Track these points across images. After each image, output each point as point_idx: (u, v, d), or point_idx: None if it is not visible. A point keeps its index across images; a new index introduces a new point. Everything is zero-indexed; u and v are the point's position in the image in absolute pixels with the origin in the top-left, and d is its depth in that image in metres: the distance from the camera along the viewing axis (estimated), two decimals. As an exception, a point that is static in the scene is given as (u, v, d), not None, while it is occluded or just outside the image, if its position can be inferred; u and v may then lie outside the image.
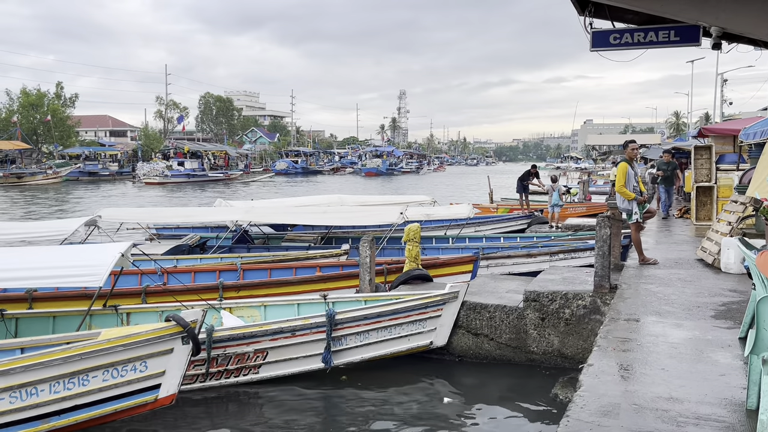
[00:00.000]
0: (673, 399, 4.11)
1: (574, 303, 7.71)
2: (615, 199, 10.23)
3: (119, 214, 13.74)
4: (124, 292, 8.93)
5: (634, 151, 9.83)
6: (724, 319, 6.14)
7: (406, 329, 7.85)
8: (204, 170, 63.80)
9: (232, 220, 13.40)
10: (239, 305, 8.45)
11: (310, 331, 7.25)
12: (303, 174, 78.60)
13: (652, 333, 5.72)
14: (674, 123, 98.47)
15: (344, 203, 16.38)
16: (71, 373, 5.24)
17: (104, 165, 66.74)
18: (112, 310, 8.01)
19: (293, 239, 15.26)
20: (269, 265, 11.02)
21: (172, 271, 10.42)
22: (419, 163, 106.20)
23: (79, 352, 5.24)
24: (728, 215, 9.72)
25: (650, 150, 36.42)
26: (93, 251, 7.43)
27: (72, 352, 5.22)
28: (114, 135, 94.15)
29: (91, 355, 5.29)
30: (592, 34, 7.48)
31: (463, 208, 15.91)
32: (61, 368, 5.20)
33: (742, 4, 6.43)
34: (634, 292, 7.47)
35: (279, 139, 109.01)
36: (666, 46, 7.22)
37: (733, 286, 7.69)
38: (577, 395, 4.19)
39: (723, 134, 16.55)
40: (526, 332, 7.91)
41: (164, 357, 5.59)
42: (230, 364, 7.04)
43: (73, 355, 5.21)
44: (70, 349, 5.26)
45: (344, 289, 9.53)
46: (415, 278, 9.81)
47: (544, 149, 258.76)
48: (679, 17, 6.83)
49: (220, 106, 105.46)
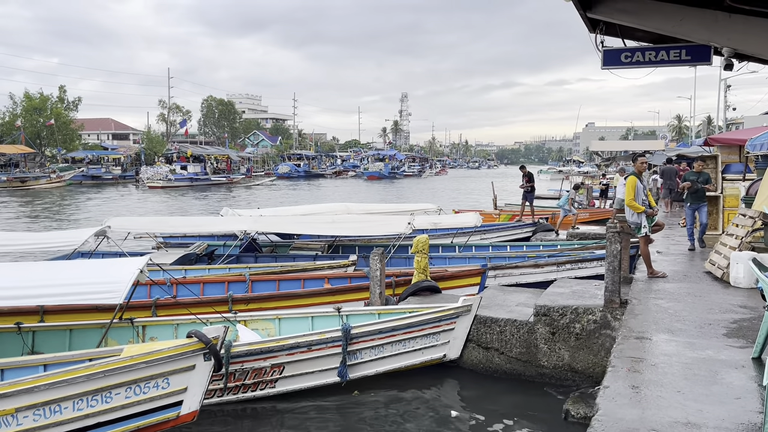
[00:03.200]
0: (691, 424, 4.19)
1: (584, 318, 7.79)
2: (618, 204, 10.28)
3: (128, 224, 13.84)
4: (134, 305, 8.99)
5: (643, 165, 9.92)
6: (737, 338, 6.21)
7: (420, 342, 7.95)
8: (206, 174, 64.01)
9: (241, 230, 13.51)
10: (254, 318, 8.54)
11: (325, 345, 7.34)
12: (305, 178, 78.73)
13: (665, 352, 5.80)
14: (677, 126, 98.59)
15: (351, 211, 16.49)
16: (94, 390, 5.32)
17: (107, 169, 66.95)
18: (127, 323, 8.11)
19: (300, 247, 15.35)
20: (277, 276, 11.11)
21: (181, 282, 10.50)
22: (421, 167, 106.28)
23: (102, 369, 5.31)
24: (736, 228, 9.80)
25: (654, 156, 36.45)
26: (111, 266, 7.51)
27: (95, 369, 5.30)
28: (117, 138, 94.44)
29: (114, 372, 5.36)
30: (604, 52, 7.57)
31: (470, 217, 16.01)
32: (84, 385, 5.28)
33: (753, 25, 6.52)
34: (645, 307, 7.55)
35: (281, 142, 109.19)
36: (677, 64, 7.30)
37: (743, 301, 7.76)
38: (595, 419, 4.27)
39: (729, 144, 16.62)
40: (537, 347, 7.99)
41: (186, 374, 5.66)
42: (247, 379, 7.13)
43: (97, 373, 5.29)
44: (93, 366, 5.34)
45: (353, 302, 9.61)
46: (424, 290, 9.89)
47: (546, 152, 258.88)
48: (691, 38, 6.92)
49: (222, 110, 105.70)
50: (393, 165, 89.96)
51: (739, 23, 6.36)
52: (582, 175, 48.18)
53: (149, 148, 77.38)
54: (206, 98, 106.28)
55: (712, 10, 6.45)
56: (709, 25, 6.50)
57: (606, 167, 46.07)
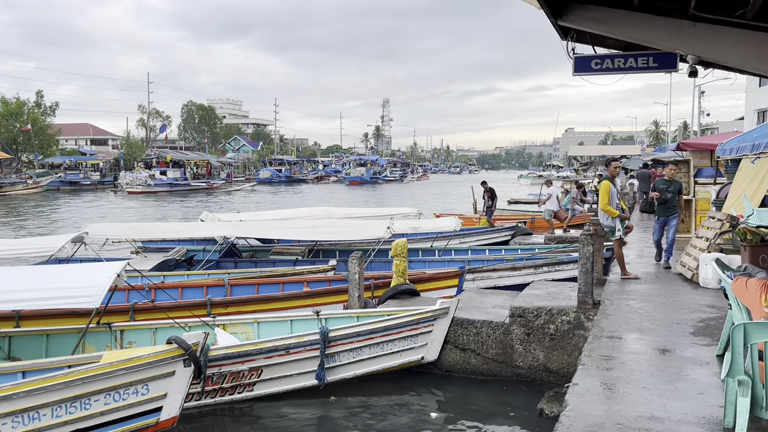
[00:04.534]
0: (655, 418, 4.34)
1: (558, 318, 7.95)
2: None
3: (106, 230, 13.74)
4: (112, 310, 8.97)
5: (616, 170, 10.15)
6: (703, 336, 6.40)
7: (398, 345, 8.04)
8: (186, 179, 63.64)
9: (220, 235, 13.51)
10: (232, 322, 8.58)
11: (304, 348, 7.41)
12: (287, 183, 78.58)
13: (634, 350, 5.97)
14: (654, 132, 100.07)
15: (331, 216, 16.56)
16: (73, 397, 5.33)
17: (85, 174, 66.24)
18: (105, 327, 8.10)
19: (280, 252, 15.37)
20: (257, 280, 11.15)
21: (159, 287, 10.49)
22: (403, 172, 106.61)
23: (82, 376, 5.34)
24: (706, 231, 10.04)
25: (630, 161, 37.04)
26: (88, 270, 7.52)
27: (74, 376, 5.32)
28: (95, 144, 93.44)
29: (94, 379, 5.38)
30: (575, 59, 7.76)
31: (450, 221, 16.14)
32: (63, 392, 5.29)
33: (716, 33, 6.76)
34: (617, 308, 7.72)
35: (262, 147, 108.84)
36: (645, 71, 7.52)
37: (711, 301, 7.98)
38: (563, 415, 4.41)
39: (701, 148, 16.97)
40: (512, 347, 8.13)
41: (166, 380, 5.70)
42: (225, 382, 7.17)
43: (76, 380, 5.31)
44: (72, 373, 5.36)
45: (332, 305, 9.68)
46: (403, 293, 9.98)
47: (526, 157, 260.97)
48: (658, 45, 7.14)
49: (202, 115, 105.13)
50: (375, 170, 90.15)
51: (703, 31, 6.58)
52: (562, 179, 48.75)
53: (128, 154, 76.72)
54: (186, 103, 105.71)
55: (678, 18, 6.67)
56: (675, 33, 6.72)
57: (584, 172, 46.68)
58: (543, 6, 6.37)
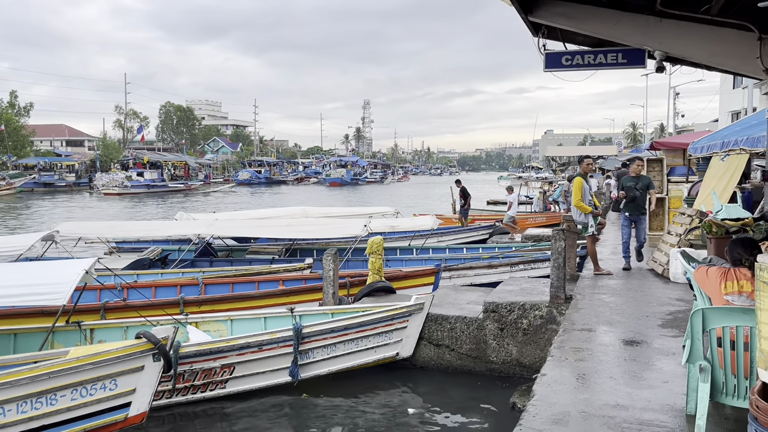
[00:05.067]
0: (620, 406, 4.39)
1: (531, 313, 8.01)
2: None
3: (78, 229, 13.56)
4: (82, 309, 8.84)
5: (588, 167, 10.25)
6: (670, 328, 6.49)
7: (372, 341, 8.03)
8: (164, 181, 63.04)
9: (195, 234, 13.39)
10: (205, 319, 8.50)
11: (277, 345, 7.37)
12: (266, 184, 78.13)
13: (603, 342, 6.04)
14: (631, 134, 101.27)
15: (308, 215, 16.50)
16: (39, 392, 5.25)
17: (60, 176, 65.26)
18: (75, 326, 7.99)
19: (257, 251, 15.28)
20: (231, 279, 11.07)
21: (132, 286, 10.36)
22: (384, 173, 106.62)
23: (47, 371, 5.25)
24: (676, 227, 10.19)
25: (607, 161, 37.46)
26: (56, 268, 7.39)
27: (40, 371, 5.23)
28: (71, 145, 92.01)
29: (60, 374, 5.30)
30: (546, 55, 7.84)
31: (427, 220, 16.18)
32: (28, 388, 5.20)
33: (682, 29, 6.87)
34: (588, 302, 7.81)
35: (242, 148, 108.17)
36: (614, 67, 7.62)
37: (680, 295, 8.09)
38: (530, 404, 4.44)
39: (673, 147, 17.24)
40: (486, 342, 8.17)
41: (135, 375, 5.64)
42: (197, 380, 7.10)
43: (41, 374, 5.22)
44: (37, 368, 5.28)
45: (308, 303, 9.65)
46: (379, 290, 9.98)
47: (506, 159, 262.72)
48: (626, 41, 7.24)
49: (180, 116, 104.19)
50: (355, 171, 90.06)
51: (670, 27, 6.69)
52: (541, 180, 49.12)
53: (105, 155, 75.76)
54: (164, 104, 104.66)
55: (645, 15, 6.77)
56: (642, 29, 6.82)
57: (561, 172, 47.10)
58: (513, 2, 6.42)
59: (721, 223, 5.96)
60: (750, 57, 6.57)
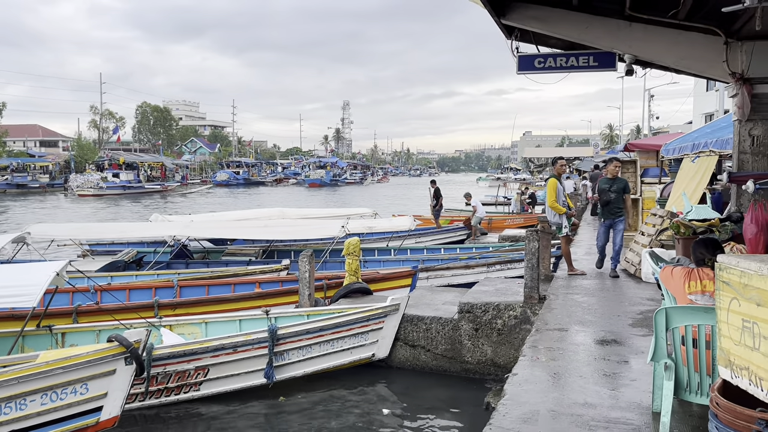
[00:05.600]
0: (588, 404, 4.46)
1: (505, 314, 8.08)
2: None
3: (50, 231, 13.35)
4: (54, 312, 8.71)
5: (562, 167, 10.37)
6: (641, 327, 6.60)
7: (348, 342, 8.04)
8: (140, 182, 62.39)
9: (170, 235, 13.26)
10: (179, 322, 8.44)
11: (252, 347, 7.34)
12: (245, 185, 77.66)
13: (574, 342, 6.12)
14: (608, 135, 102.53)
15: (285, 216, 16.44)
16: (8, 397, 5.17)
17: (34, 177, 64.15)
18: (46, 330, 7.87)
19: (234, 253, 15.19)
20: (207, 281, 10.98)
21: (105, 288, 10.23)
22: (363, 174, 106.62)
23: (16, 376, 5.18)
24: (648, 227, 10.35)
25: (583, 162, 37.88)
26: (26, 270, 7.30)
27: (8, 375, 5.15)
28: (45, 145, 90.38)
29: (29, 378, 5.23)
30: (519, 58, 7.93)
31: (405, 221, 16.23)
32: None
33: (651, 33, 7.00)
34: (561, 302, 7.90)
35: (220, 149, 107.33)
36: (586, 70, 7.75)
37: (651, 295, 8.22)
38: (501, 403, 4.49)
39: (647, 149, 17.49)
40: (461, 343, 8.22)
41: (106, 378, 5.58)
42: (170, 382, 7.05)
43: (10, 379, 5.15)
44: (6, 372, 5.20)
45: (285, 305, 9.62)
46: (355, 292, 9.98)
47: (485, 160, 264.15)
48: (597, 45, 7.36)
49: (157, 116, 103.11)
50: (335, 172, 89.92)
51: (639, 31, 6.82)
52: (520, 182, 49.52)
53: (80, 156, 74.60)
54: (141, 104, 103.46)
55: (615, 19, 6.89)
56: (613, 33, 6.95)
57: (539, 173, 47.52)
58: (486, 5, 6.49)
59: (688, 223, 6.08)
60: (717, 60, 6.72)
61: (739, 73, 6.65)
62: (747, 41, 6.58)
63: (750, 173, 6.60)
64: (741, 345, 2.97)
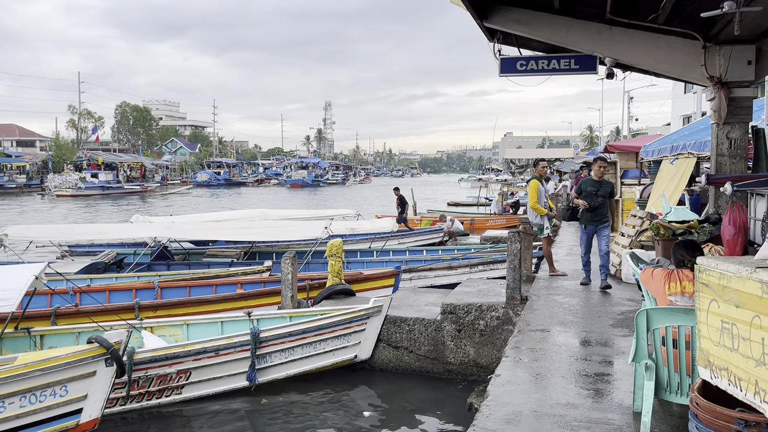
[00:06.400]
0: (570, 405, 4.50)
1: (488, 314, 8.12)
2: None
3: (28, 232, 13.18)
4: (32, 315, 8.58)
5: (544, 169, 10.45)
6: (621, 327, 6.68)
7: (331, 344, 8.03)
8: (119, 182, 61.84)
9: (151, 237, 13.15)
10: (160, 324, 8.36)
11: (234, 350, 7.30)
12: (226, 186, 77.17)
13: (557, 343, 6.17)
14: (588, 136, 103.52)
15: (267, 217, 16.39)
16: (-16, 401, 5.09)
17: (10, 177, 63.20)
18: (24, 332, 7.75)
19: (215, 255, 15.11)
20: (188, 282, 10.91)
21: (84, 290, 10.11)
22: (345, 175, 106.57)
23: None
24: (628, 228, 10.47)
25: (564, 163, 38.24)
26: (4, 273, 7.18)
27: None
28: (21, 145, 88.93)
29: (7, 380, 5.16)
30: (501, 60, 7.98)
31: (387, 222, 16.28)
32: (-27, 396, 5.05)
33: (631, 36, 7.09)
34: (543, 303, 7.96)
35: (200, 149, 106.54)
36: (567, 73, 7.82)
37: (631, 295, 8.32)
38: (484, 404, 4.52)
39: (627, 151, 17.70)
40: (444, 344, 8.25)
41: (86, 380, 5.52)
42: (152, 386, 6.98)
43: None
44: (-18, 376, 5.12)
45: (266, 306, 9.58)
46: (338, 293, 9.98)
47: (467, 161, 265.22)
48: (578, 48, 7.44)
49: (137, 116, 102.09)
50: (317, 173, 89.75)
51: (619, 35, 6.91)
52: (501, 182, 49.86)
53: (57, 156, 73.59)
54: (120, 104, 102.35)
55: (596, 22, 6.97)
56: (593, 36, 7.03)
57: (520, 174, 47.86)
58: (468, 7, 6.53)
59: (668, 225, 6.16)
60: (695, 65, 6.82)
61: (717, 77, 6.77)
62: (725, 45, 6.70)
63: (728, 176, 6.71)
64: (720, 346, 3.02)
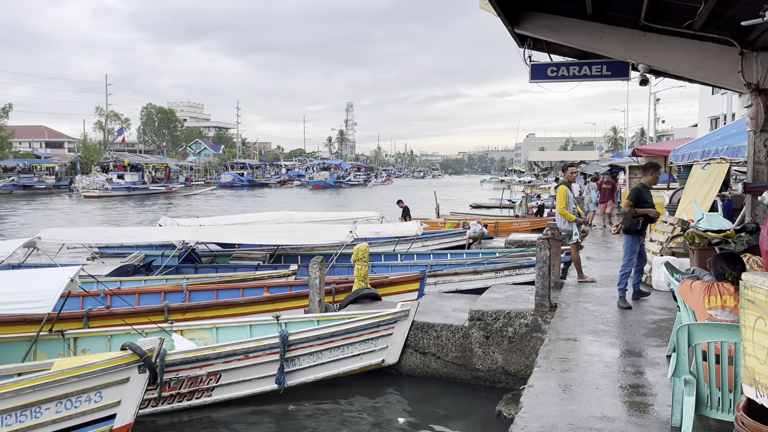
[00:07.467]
0: (606, 418, 4.45)
1: (516, 321, 8.07)
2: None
3: (60, 235, 13.40)
4: (65, 317, 8.72)
5: (573, 175, 10.37)
6: (654, 337, 6.58)
7: (358, 348, 8.05)
8: (145, 183, 62.67)
9: (180, 240, 13.29)
10: (190, 327, 8.45)
11: (263, 352, 7.35)
12: (249, 187, 77.75)
13: (588, 352, 6.10)
14: (612, 138, 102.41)
15: (293, 220, 16.44)
16: (24, 405, 5.19)
17: (40, 178, 64.38)
18: (58, 335, 7.89)
19: (241, 257, 15.21)
20: (216, 285, 11.00)
21: (115, 293, 10.26)
22: (367, 176, 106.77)
23: (32, 384, 5.20)
24: (659, 235, 10.33)
25: (589, 166, 37.86)
26: (40, 276, 7.33)
27: (24, 384, 5.17)
28: (50, 146, 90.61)
29: (45, 386, 5.25)
30: (531, 66, 7.93)
31: (412, 226, 16.21)
32: (12, 401, 5.14)
33: (665, 43, 6.99)
34: (573, 311, 7.89)
35: (224, 151, 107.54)
36: (599, 79, 7.74)
37: (663, 303, 8.20)
38: (518, 416, 4.48)
39: (655, 155, 17.49)
40: (472, 350, 8.22)
41: (120, 386, 5.59)
42: (183, 388, 7.06)
43: (26, 387, 5.16)
44: (22, 381, 5.22)
45: (293, 310, 9.63)
46: (364, 297, 10.00)
47: (488, 162, 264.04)
48: (610, 54, 7.36)
49: (162, 118, 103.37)
50: (338, 174, 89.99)
51: (653, 41, 6.82)
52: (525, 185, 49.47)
53: (85, 157, 74.83)
54: (146, 106, 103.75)
55: (629, 28, 6.89)
56: (627, 42, 6.95)
57: (544, 177, 47.44)
58: (500, 14, 6.49)
59: (703, 234, 6.06)
60: (731, 71, 6.70)
61: (755, 84, 6.65)
62: (762, 52, 6.58)
63: (766, 184, 6.58)
64: (767, 365, 2.97)
